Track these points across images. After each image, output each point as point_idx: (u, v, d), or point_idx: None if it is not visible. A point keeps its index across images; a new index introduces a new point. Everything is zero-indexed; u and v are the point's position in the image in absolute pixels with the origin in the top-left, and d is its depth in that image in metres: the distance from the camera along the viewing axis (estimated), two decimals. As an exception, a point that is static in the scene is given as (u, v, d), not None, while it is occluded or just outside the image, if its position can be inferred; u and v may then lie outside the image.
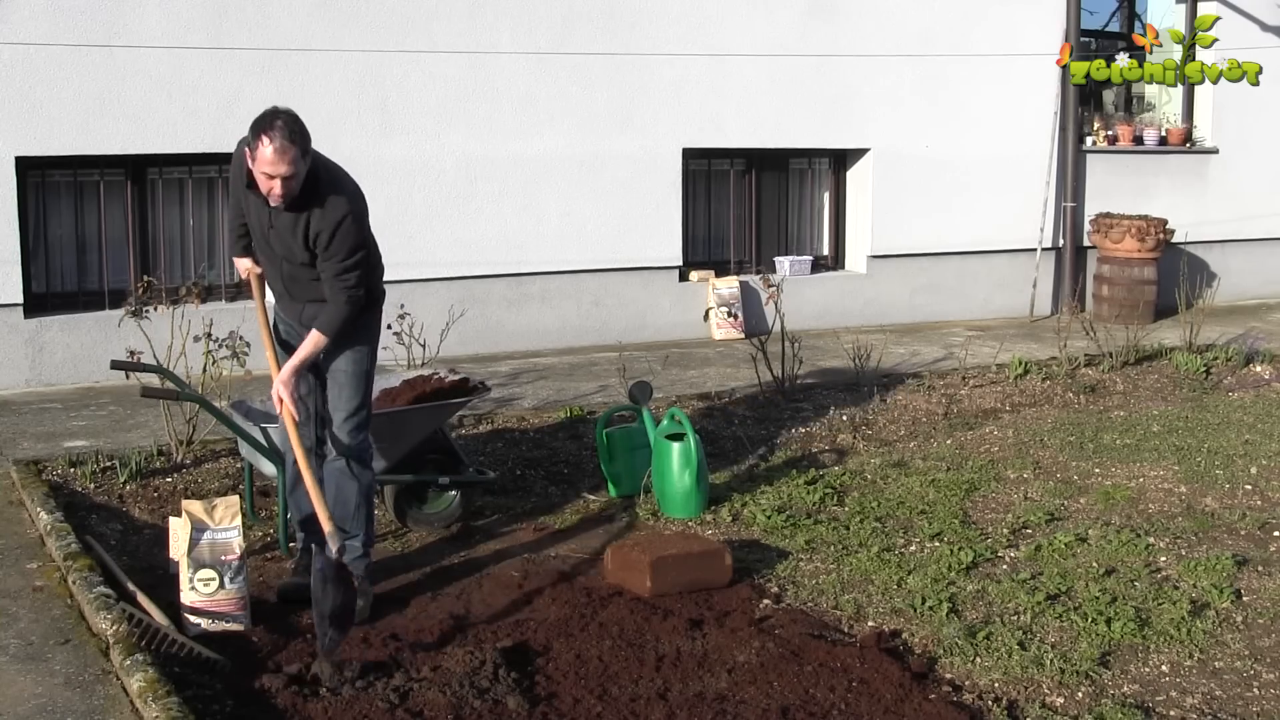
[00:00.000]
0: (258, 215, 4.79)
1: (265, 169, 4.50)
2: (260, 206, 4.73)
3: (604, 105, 9.85)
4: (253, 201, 4.76)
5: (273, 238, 4.78)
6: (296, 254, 4.75)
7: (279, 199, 4.57)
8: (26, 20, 8.11)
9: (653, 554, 4.95)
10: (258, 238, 4.88)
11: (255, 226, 4.85)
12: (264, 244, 4.87)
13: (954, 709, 4.04)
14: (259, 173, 4.54)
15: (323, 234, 4.64)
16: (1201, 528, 5.89)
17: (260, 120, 4.52)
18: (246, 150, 4.58)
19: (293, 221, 4.67)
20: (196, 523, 4.63)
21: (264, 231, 4.81)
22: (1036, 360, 9.10)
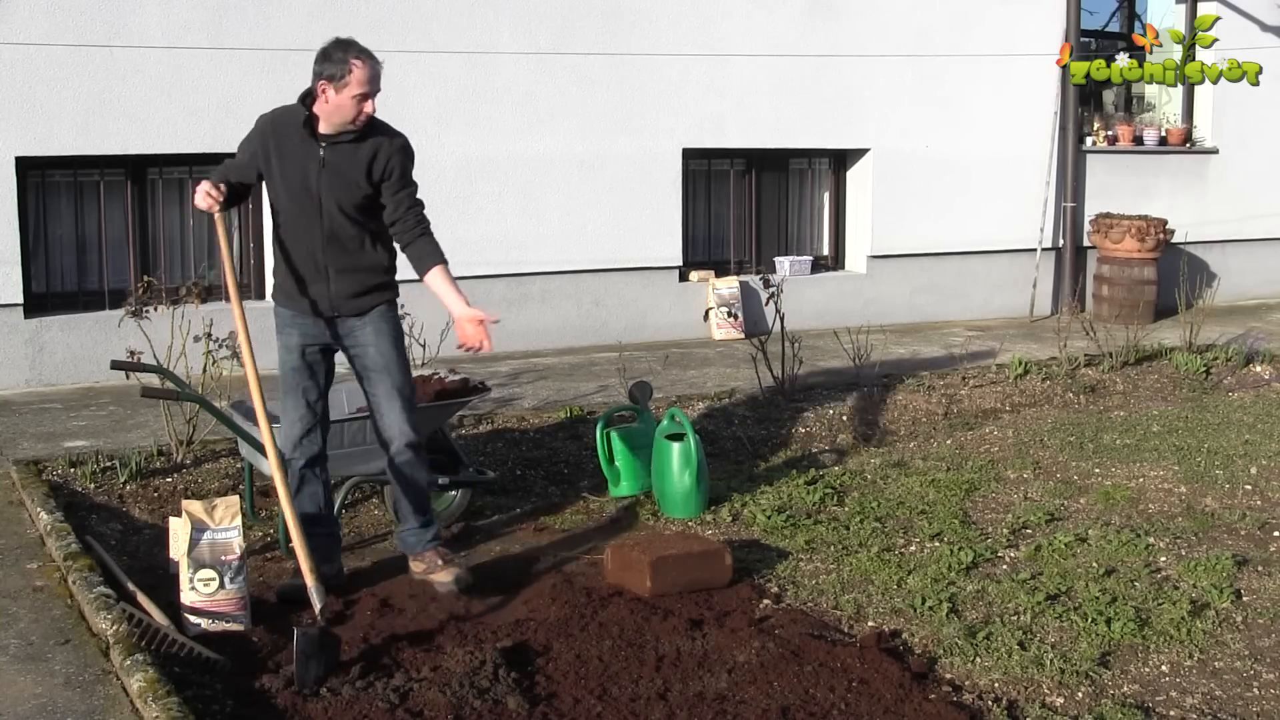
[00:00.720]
0: (302, 163, 4.75)
1: (362, 89, 4.66)
2: (308, 152, 4.74)
3: (604, 105, 9.85)
4: (296, 151, 4.75)
5: (323, 181, 4.75)
6: (353, 194, 4.77)
7: (366, 118, 4.72)
8: (26, 20, 8.11)
9: (653, 554, 4.95)
10: (296, 192, 4.78)
11: (296, 179, 4.77)
12: (304, 197, 4.78)
13: (954, 709, 4.04)
14: (352, 96, 4.65)
15: (394, 158, 4.80)
16: (1201, 528, 5.89)
17: (336, 48, 4.70)
18: (325, 85, 4.66)
19: (352, 153, 4.75)
20: (196, 523, 4.63)
21: (312, 179, 4.75)
22: (1036, 360, 9.10)
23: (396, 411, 4.94)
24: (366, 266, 4.91)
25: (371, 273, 4.92)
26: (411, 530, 5.07)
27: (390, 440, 4.97)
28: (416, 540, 5.06)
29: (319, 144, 4.77)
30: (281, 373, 5.05)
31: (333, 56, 4.69)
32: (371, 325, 4.93)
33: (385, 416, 4.96)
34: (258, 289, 9.29)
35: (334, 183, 4.77)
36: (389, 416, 4.95)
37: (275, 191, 4.88)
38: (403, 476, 4.99)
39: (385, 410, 4.95)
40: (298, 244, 4.89)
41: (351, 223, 4.82)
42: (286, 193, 4.83)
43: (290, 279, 4.95)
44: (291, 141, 4.79)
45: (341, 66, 4.66)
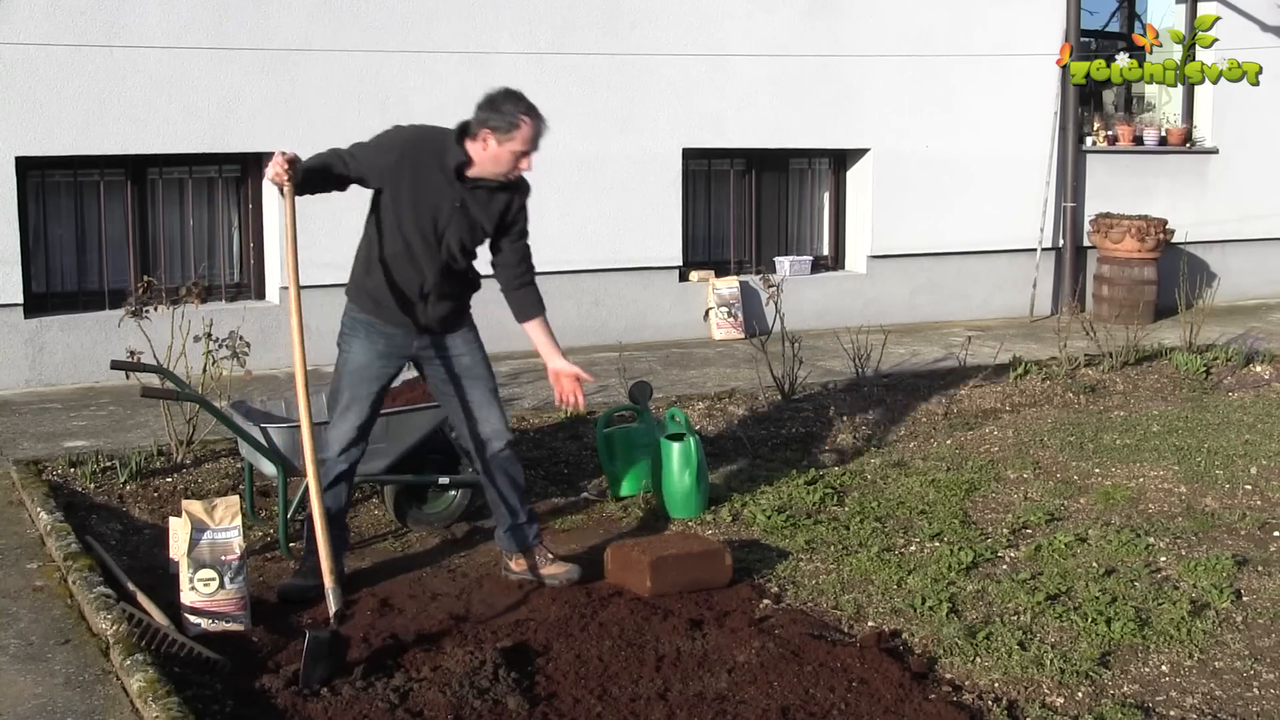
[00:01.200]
0: (436, 199, 4.72)
1: (525, 146, 4.70)
2: (446, 191, 4.72)
3: (604, 105, 9.85)
4: (434, 185, 4.72)
5: (453, 222, 4.76)
6: (475, 236, 4.83)
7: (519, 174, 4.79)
8: (26, 20, 8.11)
9: (653, 554, 4.94)
10: (422, 224, 4.74)
11: (426, 213, 4.74)
12: (428, 231, 4.76)
13: (954, 709, 4.04)
14: (513, 151, 4.68)
15: (524, 210, 4.91)
16: (1201, 528, 5.89)
17: (506, 100, 4.72)
18: (488, 134, 4.66)
19: (487, 199, 4.79)
20: (196, 523, 4.63)
21: (443, 218, 4.75)
22: (1036, 360, 9.10)
23: (496, 412, 5.01)
24: (463, 292, 5.03)
25: (466, 296, 5.05)
26: (517, 527, 5.07)
27: (489, 439, 4.99)
28: (524, 536, 5.08)
29: (460, 185, 4.75)
30: (348, 376, 4.96)
31: (501, 108, 4.68)
32: (460, 335, 5.02)
33: (484, 418, 4.99)
34: (258, 289, 9.30)
35: (462, 225, 4.80)
36: (489, 417, 4.99)
37: (395, 214, 4.79)
38: (505, 474, 5.03)
39: (485, 412, 4.99)
40: (406, 269, 4.85)
41: (465, 256, 4.91)
42: (412, 222, 4.78)
43: (385, 293, 4.89)
44: (431, 174, 4.74)
45: (510, 119, 4.66)
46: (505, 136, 4.67)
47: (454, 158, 4.73)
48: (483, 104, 4.73)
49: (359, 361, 4.95)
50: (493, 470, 5.04)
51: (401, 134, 4.84)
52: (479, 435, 5.01)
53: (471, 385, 5.00)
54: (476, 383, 5.00)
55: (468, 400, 5.00)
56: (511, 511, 5.09)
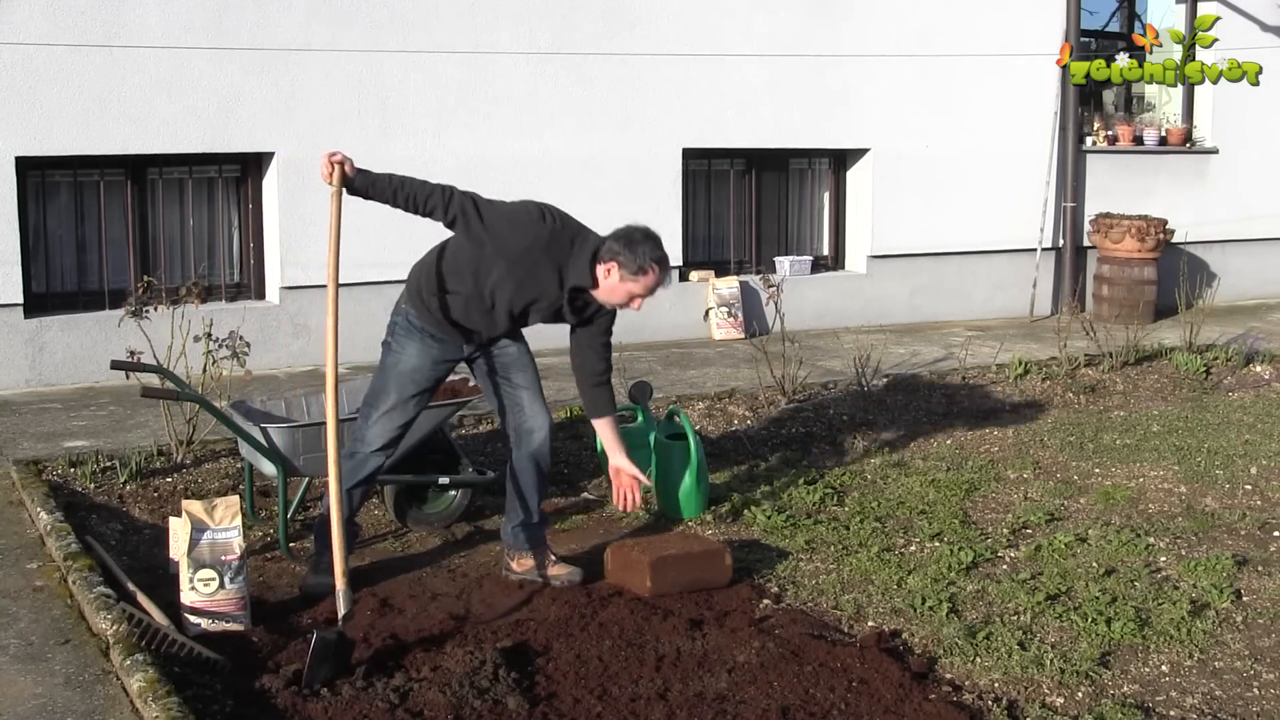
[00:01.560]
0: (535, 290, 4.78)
1: (644, 292, 4.75)
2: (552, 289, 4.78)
3: (604, 105, 9.85)
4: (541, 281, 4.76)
5: (543, 312, 4.87)
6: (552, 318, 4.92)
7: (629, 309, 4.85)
8: (26, 20, 8.11)
9: (653, 554, 4.94)
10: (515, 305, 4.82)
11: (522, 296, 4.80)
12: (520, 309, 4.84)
13: (954, 709, 4.04)
14: (629, 291, 4.72)
15: (611, 315, 4.93)
16: (1201, 528, 5.89)
17: (644, 243, 4.71)
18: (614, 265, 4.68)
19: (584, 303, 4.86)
20: (196, 523, 4.63)
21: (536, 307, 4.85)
22: (1036, 360, 9.10)
23: (540, 405, 5.05)
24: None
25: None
26: (530, 525, 5.08)
27: (533, 430, 5.02)
28: (533, 535, 5.08)
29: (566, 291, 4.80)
30: (398, 377, 4.95)
31: (637, 249, 4.69)
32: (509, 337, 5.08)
33: (530, 408, 5.02)
34: (258, 289, 9.30)
35: (549, 314, 4.91)
36: (533, 410, 5.02)
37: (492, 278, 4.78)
38: (535, 470, 5.04)
39: (530, 402, 5.03)
40: (478, 320, 4.91)
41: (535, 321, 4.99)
42: (506, 300, 4.82)
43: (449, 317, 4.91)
44: (547, 274, 4.76)
45: (642, 262, 4.68)
46: (630, 276, 4.70)
47: (578, 278, 4.76)
48: (620, 235, 4.73)
49: (411, 365, 4.95)
50: (524, 464, 5.04)
51: (541, 229, 4.76)
52: (521, 427, 5.04)
53: (518, 377, 5.04)
54: (522, 375, 5.04)
55: (514, 392, 5.04)
56: (528, 509, 5.09)
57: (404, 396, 4.95)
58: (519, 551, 5.11)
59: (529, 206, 4.83)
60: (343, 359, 8.70)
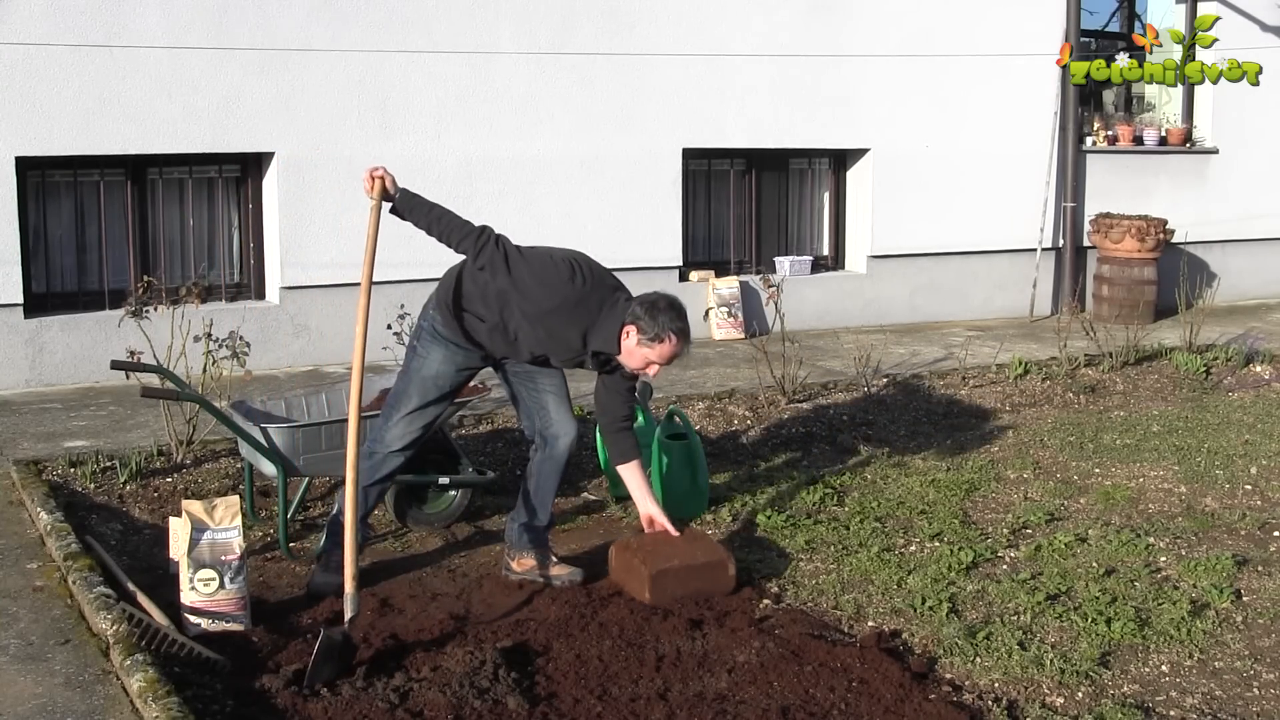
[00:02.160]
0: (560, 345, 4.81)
1: (661, 360, 4.72)
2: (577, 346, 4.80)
3: (604, 105, 9.85)
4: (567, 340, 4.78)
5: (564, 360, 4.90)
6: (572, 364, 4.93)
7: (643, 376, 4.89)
8: (26, 20, 8.11)
9: (654, 565, 4.84)
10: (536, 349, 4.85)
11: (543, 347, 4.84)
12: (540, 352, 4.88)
13: (954, 709, 4.04)
14: (646, 358, 4.71)
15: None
16: (1201, 528, 5.89)
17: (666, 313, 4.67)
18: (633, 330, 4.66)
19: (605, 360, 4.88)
20: (196, 523, 4.63)
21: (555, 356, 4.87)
22: (1036, 360, 9.10)
23: (566, 407, 5.07)
24: None
25: None
26: (536, 526, 5.10)
27: (559, 436, 5.04)
28: (535, 536, 5.10)
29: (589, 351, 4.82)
30: (422, 381, 4.99)
31: (659, 317, 4.66)
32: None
33: (555, 413, 5.04)
34: (258, 289, 9.30)
35: (572, 363, 4.93)
36: (560, 413, 5.05)
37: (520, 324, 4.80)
38: (553, 474, 5.08)
39: (555, 406, 5.05)
40: (501, 346, 4.93)
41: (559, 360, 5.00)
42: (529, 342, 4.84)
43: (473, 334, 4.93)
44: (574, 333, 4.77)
45: (660, 330, 4.66)
46: (648, 343, 4.69)
47: (603, 345, 4.76)
48: (645, 300, 4.72)
49: (435, 370, 4.98)
50: (546, 467, 5.08)
51: (570, 290, 4.73)
52: (546, 432, 5.07)
53: (544, 381, 5.05)
54: (549, 380, 5.06)
55: (539, 395, 5.06)
56: (536, 510, 5.11)
57: (425, 400, 5.00)
58: (521, 551, 5.11)
59: (560, 264, 4.76)
60: (344, 359, 8.77)
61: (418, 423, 5.01)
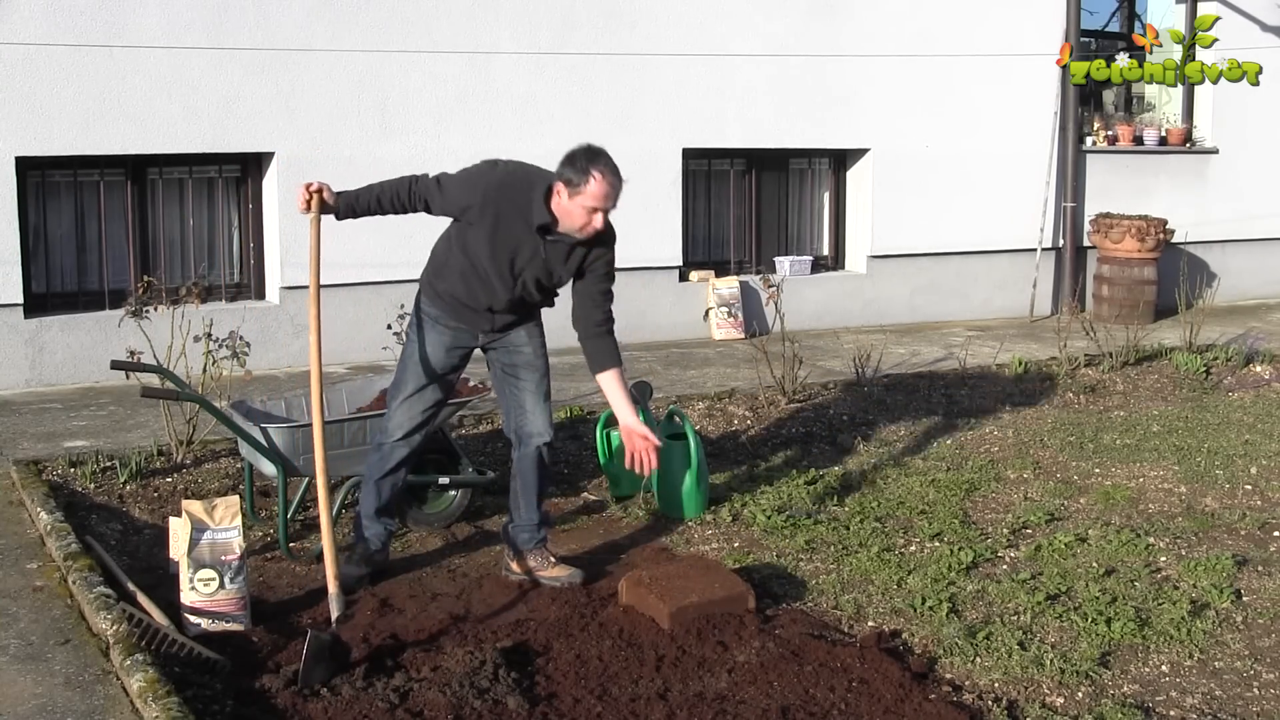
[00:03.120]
0: (516, 244, 4.77)
1: (595, 203, 4.64)
2: (528, 239, 4.76)
3: (604, 105, 9.85)
4: (517, 233, 4.75)
5: (532, 265, 4.81)
6: (551, 279, 4.88)
7: (593, 232, 4.72)
8: (26, 20, 8.11)
9: (672, 604, 4.58)
10: (500, 264, 4.80)
11: (505, 255, 4.79)
12: (505, 269, 4.82)
13: (954, 709, 4.04)
14: (583, 207, 4.65)
15: (603, 258, 4.87)
16: (1201, 528, 5.89)
17: (583, 156, 4.67)
18: (562, 187, 4.65)
19: (567, 249, 4.81)
20: (196, 523, 4.63)
21: (521, 261, 4.81)
22: (1036, 360, 9.10)
23: (543, 409, 5.04)
24: (534, 308, 5.07)
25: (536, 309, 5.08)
26: (526, 526, 5.10)
27: (531, 435, 5.02)
28: (530, 537, 5.09)
29: (543, 238, 4.79)
30: (414, 366, 5.03)
31: (577, 163, 4.67)
32: (525, 329, 5.05)
33: (531, 412, 5.02)
34: (258, 289, 9.30)
35: (540, 269, 4.85)
36: (535, 412, 5.02)
37: (475, 245, 4.83)
38: (533, 473, 5.06)
39: (532, 405, 5.02)
40: (478, 291, 4.91)
41: (540, 293, 4.96)
42: (488, 258, 4.82)
43: (454, 299, 4.96)
44: (513, 223, 4.76)
45: (582, 175, 4.64)
46: (575, 191, 4.66)
47: (538, 217, 4.75)
48: (563, 159, 4.73)
49: (425, 352, 5.02)
50: (522, 465, 5.08)
51: (491, 175, 4.82)
52: (521, 429, 5.06)
53: (525, 379, 5.04)
54: (530, 377, 5.04)
55: (518, 393, 5.05)
56: (524, 510, 5.11)
57: (420, 384, 5.02)
58: (518, 553, 5.12)
59: (480, 163, 4.90)
60: (343, 359, 8.78)
61: (416, 408, 5.03)
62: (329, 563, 4.50)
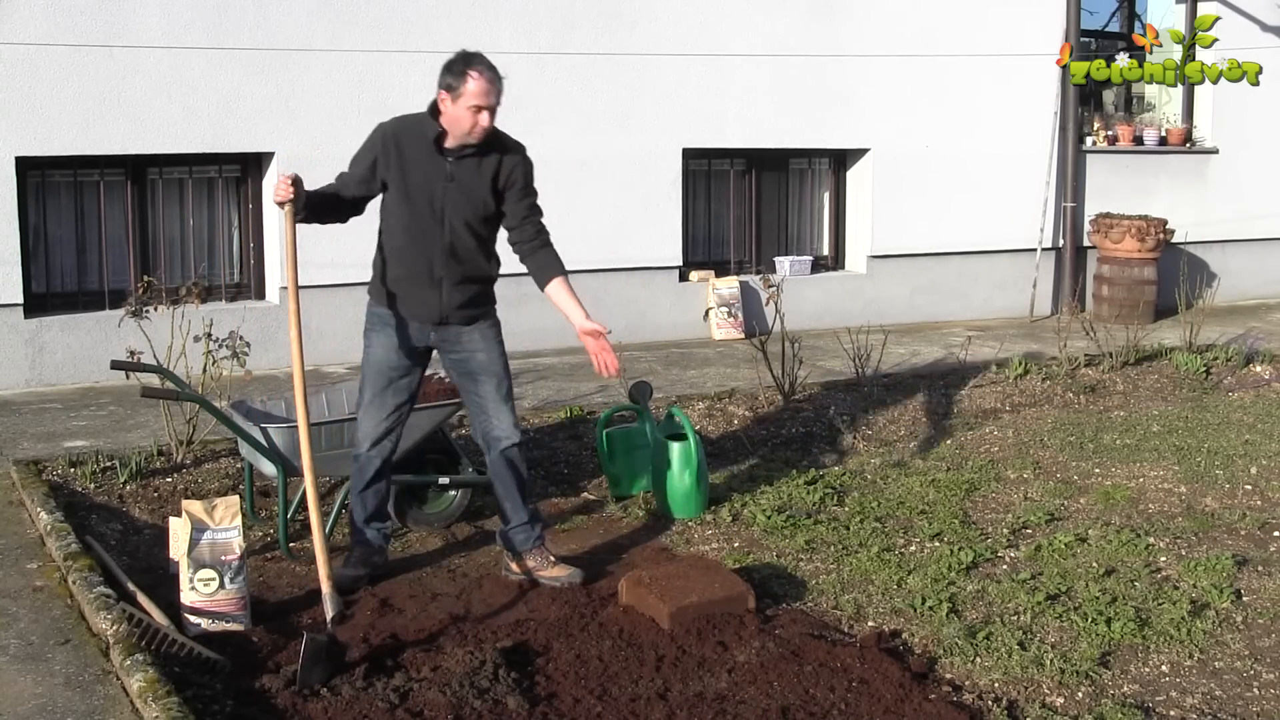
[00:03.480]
0: (427, 177, 4.79)
1: (476, 101, 4.68)
2: (434, 166, 4.78)
3: (604, 105, 9.85)
4: (422, 164, 4.79)
5: (448, 196, 4.80)
6: (477, 208, 4.84)
7: (482, 132, 4.74)
8: (26, 20, 8.11)
9: (672, 604, 4.59)
10: (419, 205, 4.81)
11: (421, 193, 4.80)
12: (427, 210, 4.81)
13: (954, 709, 4.04)
14: (467, 107, 4.68)
15: (517, 169, 4.90)
16: (1201, 528, 5.89)
17: (459, 60, 4.72)
18: (445, 96, 4.71)
19: (477, 163, 4.82)
20: (196, 523, 4.63)
21: (437, 194, 4.80)
22: (1036, 360, 9.10)
23: (505, 412, 5.02)
24: (479, 278, 4.99)
25: (483, 284, 5.00)
26: (519, 528, 5.09)
27: (498, 440, 5.02)
28: (525, 538, 5.09)
29: (445, 159, 4.80)
30: (369, 370, 5.03)
31: (454, 68, 4.72)
32: (479, 331, 5.00)
33: (493, 417, 5.01)
34: (258, 289, 9.30)
35: (459, 198, 4.83)
36: (498, 417, 5.01)
37: (394, 201, 4.86)
38: (508, 475, 5.06)
39: (494, 411, 5.01)
40: (414, 254, 4.89)
41: (472, 236, 4.90)
42: (408, 205, 4.83)
43: (400, 285, 4.95)
44: (417, 154, 4.80)
45: (459, 78, 4.68)
46: (457, 94, 4.71)
47: (431, 130, 4.80)
48: (441, 69, 4.79)
49: (378, 355, 5.01)
50: (495, 469, 5.09)
51: (383, 128, 4.93)
52: (487, 433, 5.05)
53: (484, 382, 5.02)
54: (489, 380, 5.01)
55: (480, 400, 5.03)
56: (510, 512, 5.11)
57: (376, 389, 5.00)
58: (515, 554, 5.12)
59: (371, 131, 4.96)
60: (344, 359, 8.78)
61: (378, 414, 5.00)
62: (321, 563, 4.52)
